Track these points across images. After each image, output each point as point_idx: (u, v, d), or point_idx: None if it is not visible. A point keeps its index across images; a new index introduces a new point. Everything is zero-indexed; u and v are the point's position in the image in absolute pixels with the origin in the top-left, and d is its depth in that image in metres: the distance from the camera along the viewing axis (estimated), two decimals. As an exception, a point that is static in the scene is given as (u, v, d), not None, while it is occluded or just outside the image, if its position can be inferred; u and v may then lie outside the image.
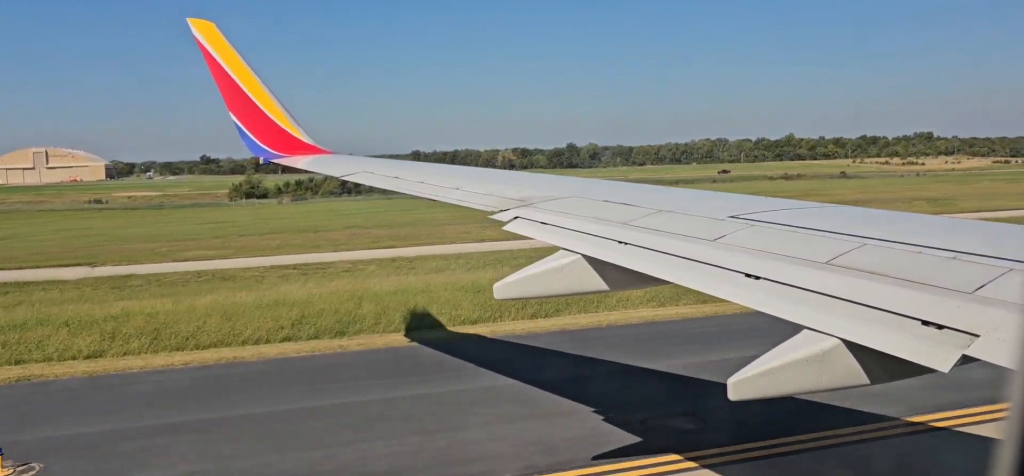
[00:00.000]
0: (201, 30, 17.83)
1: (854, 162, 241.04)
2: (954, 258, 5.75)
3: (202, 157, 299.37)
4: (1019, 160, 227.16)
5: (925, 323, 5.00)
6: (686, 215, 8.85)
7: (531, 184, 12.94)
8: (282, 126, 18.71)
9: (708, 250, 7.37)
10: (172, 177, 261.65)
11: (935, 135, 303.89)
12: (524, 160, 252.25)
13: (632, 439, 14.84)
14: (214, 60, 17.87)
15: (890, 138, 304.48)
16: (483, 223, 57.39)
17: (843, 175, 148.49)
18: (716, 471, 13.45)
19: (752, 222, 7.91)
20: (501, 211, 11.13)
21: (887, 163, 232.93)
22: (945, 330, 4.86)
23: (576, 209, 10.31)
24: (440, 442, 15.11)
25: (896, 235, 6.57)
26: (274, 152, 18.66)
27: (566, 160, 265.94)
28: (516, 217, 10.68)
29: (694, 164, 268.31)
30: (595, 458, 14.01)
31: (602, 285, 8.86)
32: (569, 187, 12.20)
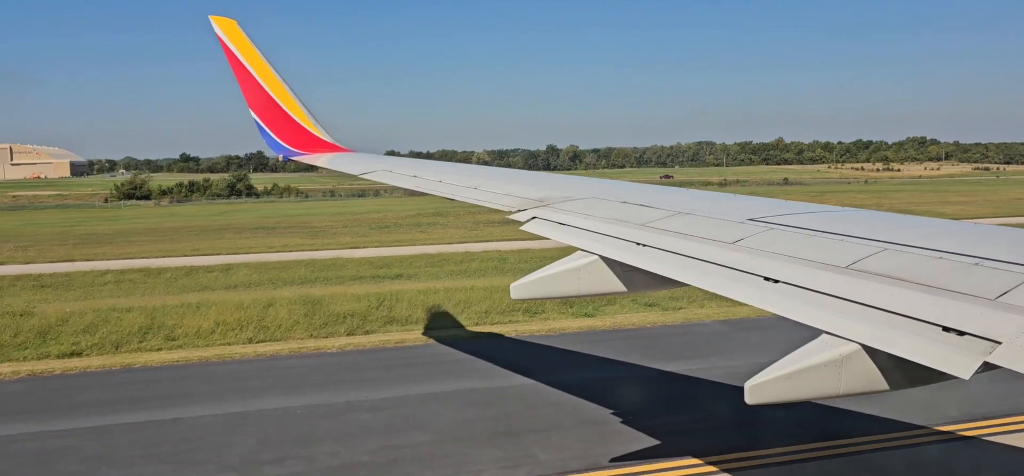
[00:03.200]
0: (223, 27, 17.97)
1: (830, 168, 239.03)
2: (977, 264, 5.68)
3: (181, 155, 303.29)
4: (1000, 168, 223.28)
5: (946, 329, 4.94)
6: (705, 217, 8.81)
7: (549, 184, 12.94)
8: (302, 124, 18.83)
9: (726, 253, 7.34)
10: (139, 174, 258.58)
11: (935, 140, 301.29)
12: (500, 162, 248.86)
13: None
14: (235, 57, 18.01)
15: (888, 143, 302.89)
16: (192, 235, 54.67)
17: (785, 182, 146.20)
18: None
19: (771, 225, 7.87)
20: (519, 211, 11.14)
21: (862, 169, 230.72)
22: (966, 336, 4.80)
23: (594, 210, 10.29)
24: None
25: (917, 240, 6.50)
26: (294, 150, 18.78)
27: (543, 162, 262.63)
28: (534, 217, 10.69)
29: (676, 166, 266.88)
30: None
31: (620, 287, 8.85)
32: (587, 188, 12.20)
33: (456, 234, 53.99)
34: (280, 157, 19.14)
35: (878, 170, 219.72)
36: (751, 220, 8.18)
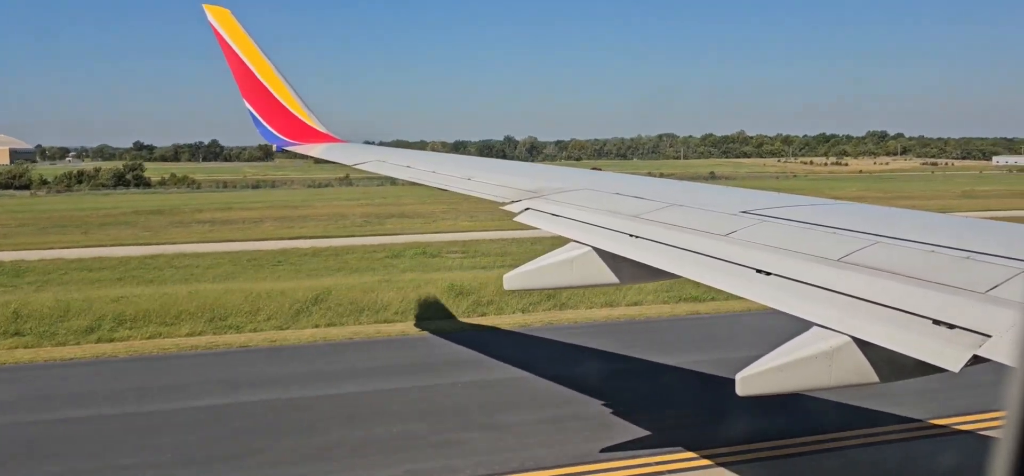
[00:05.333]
0: (216, 16, 17.91)
1: (779, 161, 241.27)
2: (968, 258, 5.70)
3: (135, 143, 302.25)
4: (949, 163, 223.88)
5: (936, 322, 4.96)
6: (698, 210, 8.83)
7: (543, 176, 12.96)
8: (296, 114, 18.78)
9: (720, 245, 7.35)
10: (76, 162, 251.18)
11: (901, 134, 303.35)
12: (456, 153, 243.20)
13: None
14: (229, 46, 17.94)
15: (854, 136, 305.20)
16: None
17: (712, 175, 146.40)
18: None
19: (764, 218, 7.88)
20: (512, 202, 11.14)
21: (810, 163, 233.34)
22: (956, 330, 4.82)
23: (587, 201, 10.30)
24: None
25: (909, 234, 6.53)
26: (287, 140, 18.74)
27: (499, 153, 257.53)
28: (527, 209, 10.70)
29: (635, 159, 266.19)
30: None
31: (612, 278, 8.86)
32: (580, 179, 12.22)
33: (126, 235, 48.95)
34: (274, 146, 19.10)
35: (825, 165, 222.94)
36: (744, 212, 8.19)
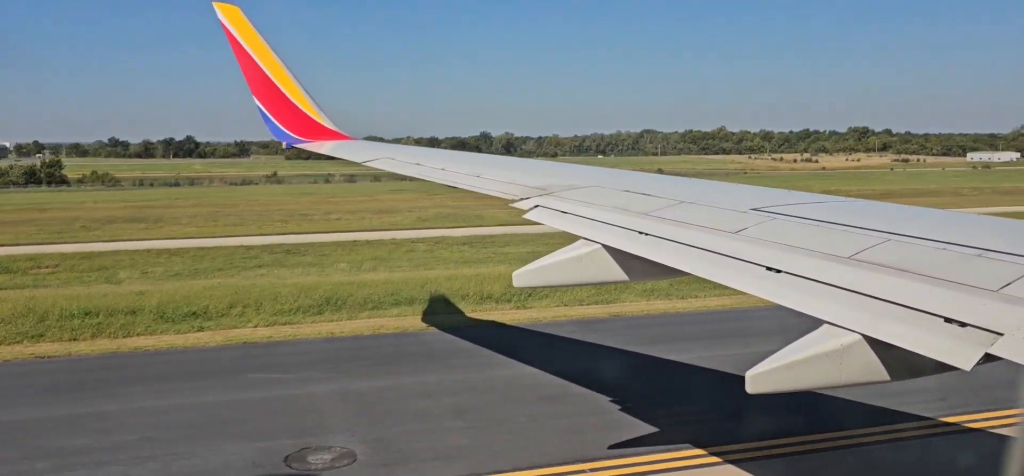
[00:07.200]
0: (226, 14, 17.96)
1: (750, 158, 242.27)
2: (979, 255, 5.68)
3: (110, 139, 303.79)
4: (921, 159, 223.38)
5: (948, 320, 4.94)
6: (707, 207, 8.82)
7: (551, 173, 12.95)
8: (305, 111, 18.83)
9: (729, 242, 7.34)
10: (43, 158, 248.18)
11: (888, 130, 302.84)
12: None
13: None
14: (238, 44, 18.00)
15: (838, 132, 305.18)
16: None
17: (660, 171, 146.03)
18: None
19: (774, 215, 7.86)
20: (522, 200, 11.15)
21: (781, 159, 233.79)
22: (968, 328, 4.80)
23: (596, 198, 10.30)
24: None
25: (921, 231, 6.50)
26: (297, 137, 18.80)
27: (474, 149, 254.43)
28: (536, 206, 10.70)
29: (612, 155, 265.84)
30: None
31: (622, 275, 8.85)
32: (589, 176, 12.21)
33: None
34: (283, 144, 19.17)
35: (795, 161, 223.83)
36: (754, 210, 8.17)
